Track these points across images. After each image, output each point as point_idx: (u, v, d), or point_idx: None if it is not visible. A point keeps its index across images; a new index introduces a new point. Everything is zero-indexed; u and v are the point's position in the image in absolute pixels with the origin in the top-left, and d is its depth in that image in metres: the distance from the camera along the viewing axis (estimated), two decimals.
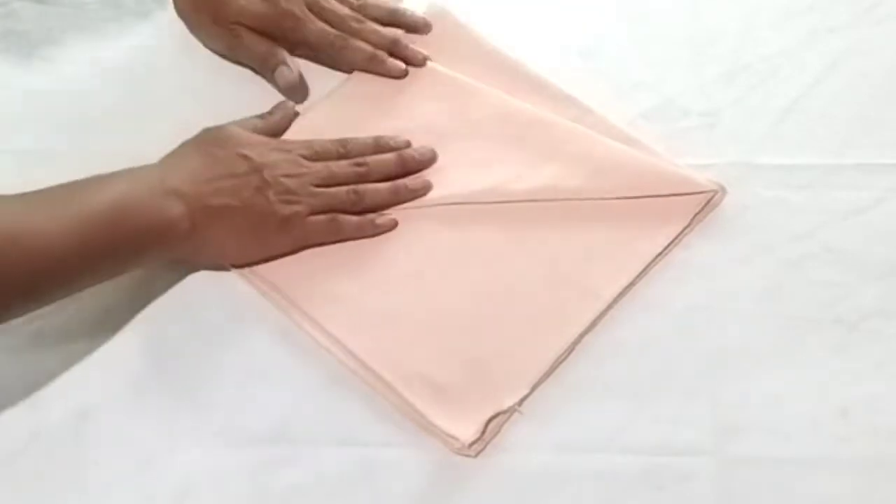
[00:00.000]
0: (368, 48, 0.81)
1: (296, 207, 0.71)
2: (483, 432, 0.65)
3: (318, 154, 0.75)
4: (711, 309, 0.70)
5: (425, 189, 0.76)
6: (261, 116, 0.78)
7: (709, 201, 0.74)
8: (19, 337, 0.71)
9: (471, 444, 0.65)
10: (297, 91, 0.81)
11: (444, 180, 0.76)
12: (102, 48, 0.86)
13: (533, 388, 0.67)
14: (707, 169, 0.75)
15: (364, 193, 0.74)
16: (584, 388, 0.68)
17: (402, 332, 0.70)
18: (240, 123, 0.76)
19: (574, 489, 0.64)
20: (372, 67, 0.81)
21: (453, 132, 0.78)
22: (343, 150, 0.76)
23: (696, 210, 0.73)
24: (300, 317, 0.71)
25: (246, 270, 0.73)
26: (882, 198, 0.74)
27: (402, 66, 0.81)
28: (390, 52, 0.81)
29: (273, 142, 0.76)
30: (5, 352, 0.71)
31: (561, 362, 0.69)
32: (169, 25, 0.86)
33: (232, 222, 0.70)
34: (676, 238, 0.73)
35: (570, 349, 0.69)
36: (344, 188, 0.74)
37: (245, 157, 0.72)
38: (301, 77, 0.81)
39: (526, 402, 0.67)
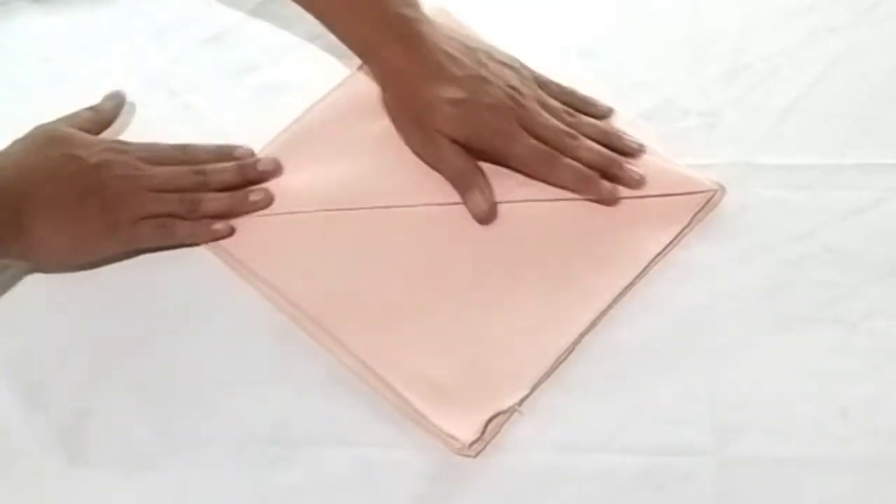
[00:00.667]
0: (580, 167, 0.74)
1: (124, 212, 0.71)
2: (483, 432, 0.65)
3: (156, 158, 0.74)
4: (711, 309, 0.70)
5: (266, 201, 0.75)
6: (92, 108, 0.78)
7: (709, 200, 0.74)
8: (19, 337, 0.71)
9: (471, 444, 0.65)
10: (488, 220, 0.74)
11: (444, 181, 0.76)
12: (102, 49, 0.86)
13: (533, 388, 0.67)
14: (707, 169, 0.75)
15: (199, 202, 0.73)
16: (584, 388, 0.68)
17: (402, 332, 0.70)
18: (70, 119, 0.75)
19: (574, 489, 0.64)
20: (583, 188, 0.74)
21: None
22: (183, 156, 0.75)
23: (696, 209, 0.73)
24: (300, 317, 0.71)
25: (246, 272, 0.73)
26: (882, 198, 0.74)
27: (616, 189, 0.74)
28: (604, 173, 0.74)
29: (109, 142, 0.75)
30: (5, 352, 0.71)
31: (561, 362, 0.69)
32: (169, 27, 0.86)
33: (61, 225, 0.70)
34: (676, 238, 0.73)
35: (570, 349, 0.69)
36: (179, 195, 0.73)
37: (76, 157, 0.71)
38: (494, 207, 0.74)
39: (526, 402, 0.67)
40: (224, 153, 0.76)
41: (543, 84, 0.78)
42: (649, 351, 0.69)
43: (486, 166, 0.75)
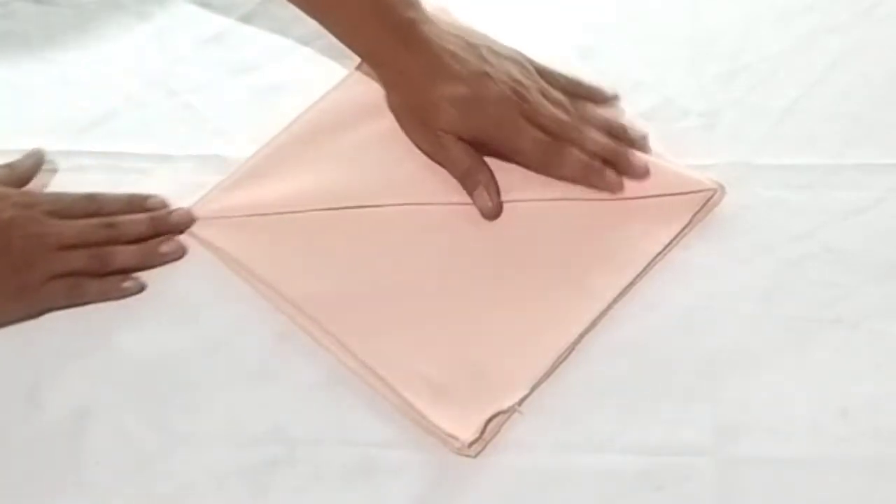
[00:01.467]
0: (584, 157, 0.73)
1: (33, 273, 0.69)
2: (483, 432, 0.65)
3: (65, 210, 0.72)
4: (711, 309, 0.70)
5: (179, 252, 0.73)
6: (8, 165, 0.75)
7: (708, 200, 0.74)
8: (19, 336, 0.71)
9: (471, 444, 0.65)
10: (495, 216, 0.74)
11: (444, 180, 0.76)
12: (102, 49, 0.86)
13: (533, 388, 0.67)
14: (707, 169, 0.75)
15: (110, 257, 0.72)
16: (584, 388, 0.68)
17: (402, 332, 0.70)
18: None
19: (574, 489, 0.64)
20: (587, 179, 0.74)
21: None
22: (93, 206, 0.73)
23: (696, 209, 0.73)
24: (300, 317, 0.71)
25: (245, 272, 0.73)
26: (882, 198, 0.74)
27: (621, 179, 0.74)
28: (610, 164, 0.74)
29: (15, 195, 0.73)
30: (5, 352, 0.71)
31: (561, 362, 0.68)
32: (169, 27, 0.86)
33: None
34: (676, 238, 0.73)
35: (570, 349, 0.69)
36: (88, 251, 0.71)
37: None
38: (500, 204, 0.74)
39: (526, 402, 0.67)
40: (135, 203, 0.74)
41: (547, 75, 0.78)
42: (649, 351, 0.69)
43: (489, 162, 0.76)
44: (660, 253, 0.72)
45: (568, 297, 0.71)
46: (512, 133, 0.74)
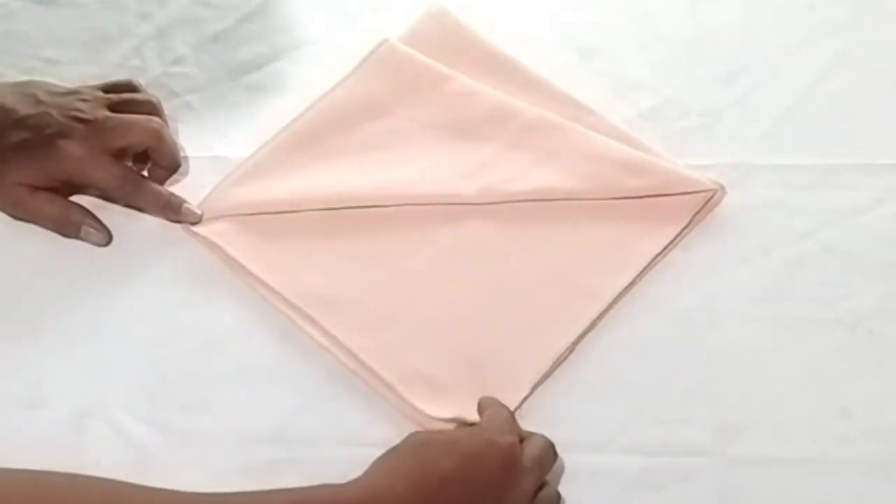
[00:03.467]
0: (165, 193, 0.74)
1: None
2: None
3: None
4: (711, 309, 0.70)
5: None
6: None
7: (708, 200, 0.74)
8: (19, 336, 0.71)
9: None
10: (108, 243, 0.74)
11: (444, 180, 0.76)
12: (102, 49, 0.85)
13: (533, 389, 0.67)
14: (706, 169, 0.75)
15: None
16: (584, 388, 0.68)
17: (402, 332, 0.70)
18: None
19: (574, 489, 0.64)
20: (166, 214, 0.74)
21: (452, 132, 0.78)
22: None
23: (696, 209, 0.73)
24: (300, 317, 0.71)
25: (245, 272, 0.73)
26: (882, 198, 0.75)
27: (199, 211, 0.74)
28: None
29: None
30: (5, 352, 0.71)
31: (561, 362, 0.69)
32: (169, 27, 0.86)
33: None
34: (676, 238, 0.73)
35: (570, 349, 0.69)
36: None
37: None
38: (110, 234, 0.74)
39: (526, 402, 0.67)
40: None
41: (112, 89, 0.76)
42: (649, 351, 0.69)
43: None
44: (660, 253, 0.72)
45: (568, 297, 0.71)
46: (81, 165, 0.71)
